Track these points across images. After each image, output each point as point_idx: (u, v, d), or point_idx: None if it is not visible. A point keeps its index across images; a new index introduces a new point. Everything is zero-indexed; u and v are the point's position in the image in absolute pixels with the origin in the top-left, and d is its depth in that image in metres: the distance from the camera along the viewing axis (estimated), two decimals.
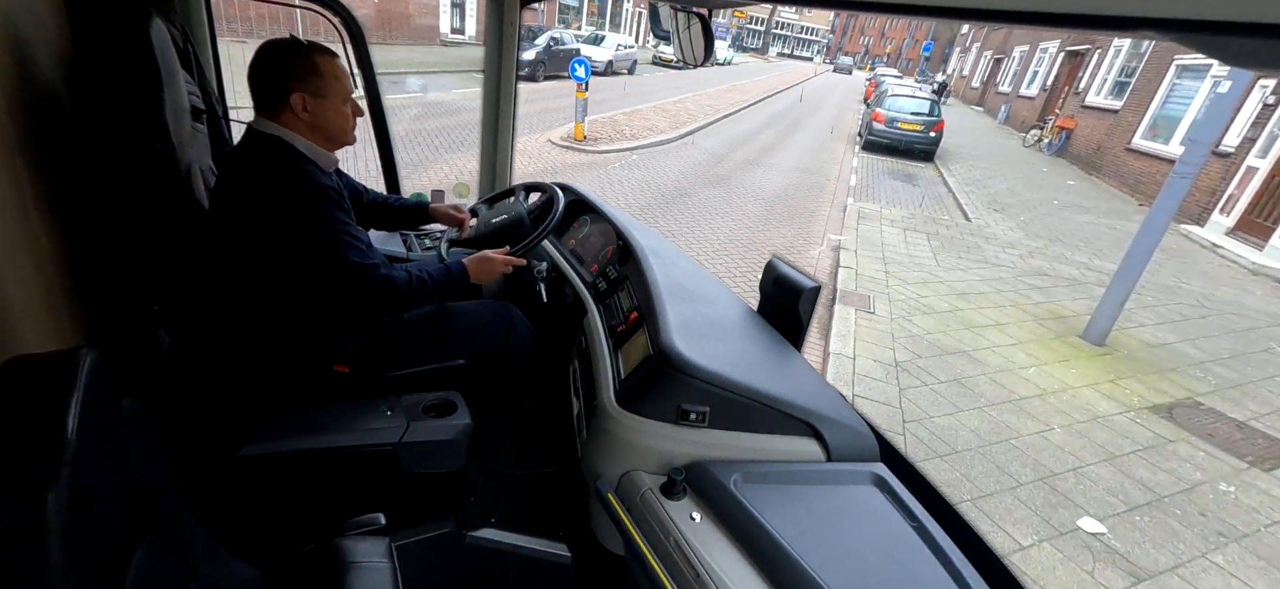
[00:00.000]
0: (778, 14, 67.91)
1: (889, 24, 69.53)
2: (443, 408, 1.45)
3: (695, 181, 7.96)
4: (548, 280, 1.76)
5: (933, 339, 4.31)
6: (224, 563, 0.96)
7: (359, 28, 1.82)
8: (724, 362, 1.13)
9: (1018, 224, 8.16)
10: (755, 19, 66.29)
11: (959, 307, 4.97)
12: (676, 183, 7.84)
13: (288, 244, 1.27)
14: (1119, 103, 12.89)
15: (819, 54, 71.13)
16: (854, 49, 76.90)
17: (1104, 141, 12.98)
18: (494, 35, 1.99)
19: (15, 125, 0.96)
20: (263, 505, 1.31)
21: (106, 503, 0.70)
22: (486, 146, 2.18)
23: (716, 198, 7.33)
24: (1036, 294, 5.54)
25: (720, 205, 7.06)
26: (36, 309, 1.00)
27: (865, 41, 75.91)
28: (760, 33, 65.71)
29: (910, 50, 62.96)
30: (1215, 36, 0.49)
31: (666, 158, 9.07)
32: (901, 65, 61.67)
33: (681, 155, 9.39)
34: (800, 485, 1.07)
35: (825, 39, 75.79)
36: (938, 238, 6.97)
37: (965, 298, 5.19)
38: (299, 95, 1.26)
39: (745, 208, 7.15)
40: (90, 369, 0.69)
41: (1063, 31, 13.81)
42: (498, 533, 1.34)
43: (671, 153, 9.50)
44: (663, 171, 8.26)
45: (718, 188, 7.80)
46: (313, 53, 1.28)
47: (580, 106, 8.46)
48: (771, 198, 7.69)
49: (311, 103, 1.28)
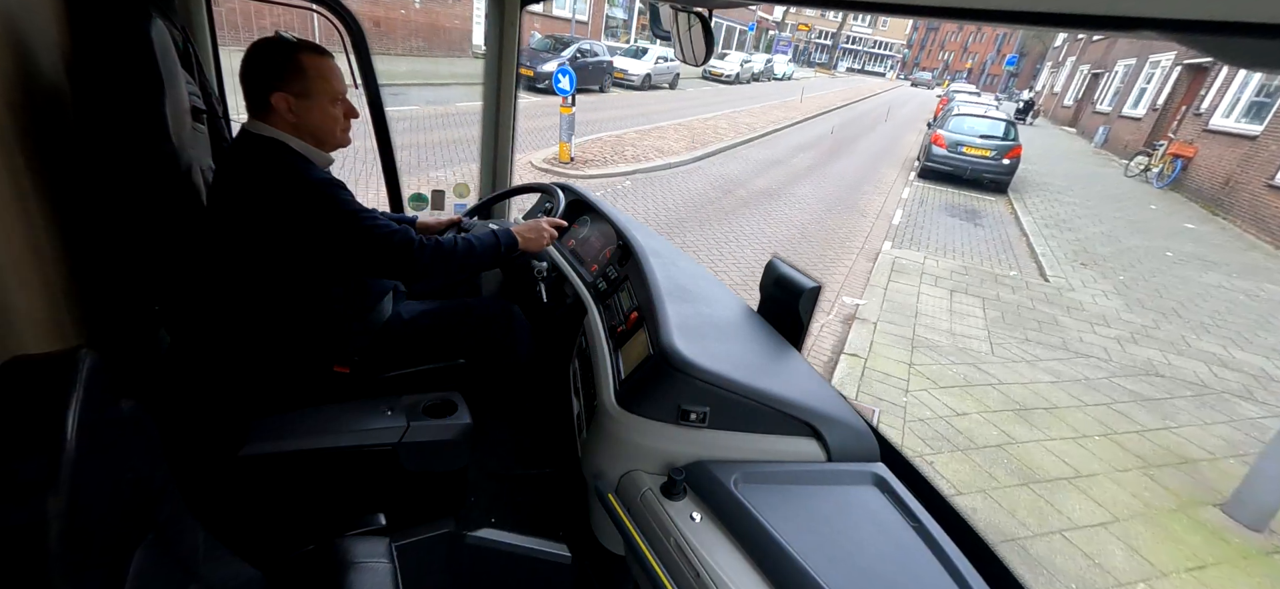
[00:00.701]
0: (849, 27, 64.82)
1: (974, 37, 64.76)
2: (443, 408, 1.42)
3: (685, 218, 6.52)
4: (548, 280, 1.75)
5: (966, 506, 2.66)
6: (224, 563, 0.95)
7: (360, 29, 1.79)
8: (724, 362, 1.12)
9: (1115, 287, 6.13)
10: (822, 33, 63.61)
11: (1017, 436, 3.31)
12: (661, 218, 6.39)
13: (294, 240, 1.26)
14: (1257, 127, 10.34)
15: (892, 69, 67.23)
16: (932, 64, 72.41)
17: (1235, 175, 10.41)
18: (494, 37, 2.01)
19: (15, 125, 0.95)
20: (263, 505, 1.29)
21: (106, 503, 0.70)
22: (486, 148, 2.19)
23: (701, 241, 5.82)
24: (1143, 412, 3.72)
25: (703, 250, 5.55)
26: (36, 309, 0.99)
27: (944, 56, 71.22)
28: (828, 47, 62.79)
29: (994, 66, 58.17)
30: (1215, 37, 0.49)
31: (666, 185, 7.69)
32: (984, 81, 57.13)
33: (686, 183, 8.03)
34: (800, 485, 1.07)
35: (901, 53, 71.68)
36: (998, 305, 5.19)
37: (1029, 418, 3.48)
38: (281, 95, 1.25)
39: (737, 254, 5.62)
40: (90, 369, 0.69)
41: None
42: (498, 533, 1.37)
43: (675, 179, 8.14)
44: (652, 203, 6.88)
45: (712, 227, 6.32)
46: (296, 52, 1.26)
47: (566, 124, 7.24)
48: (779, 241, 6.12)
49: (295, 103, 1.26)
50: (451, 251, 1.40)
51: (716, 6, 1.46)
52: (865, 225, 7.41)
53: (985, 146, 10.27)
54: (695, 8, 1.43)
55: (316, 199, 1.26)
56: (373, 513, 1.22)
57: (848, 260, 6.02)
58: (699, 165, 9.20)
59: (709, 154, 9.92)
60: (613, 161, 8.21)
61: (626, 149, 8.94)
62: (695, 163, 9.24)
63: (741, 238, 6.14)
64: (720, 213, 6.79)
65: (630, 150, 8.92)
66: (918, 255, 6.32)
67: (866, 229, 7.27)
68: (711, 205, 7.10)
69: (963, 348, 4.30)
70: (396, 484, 1.36)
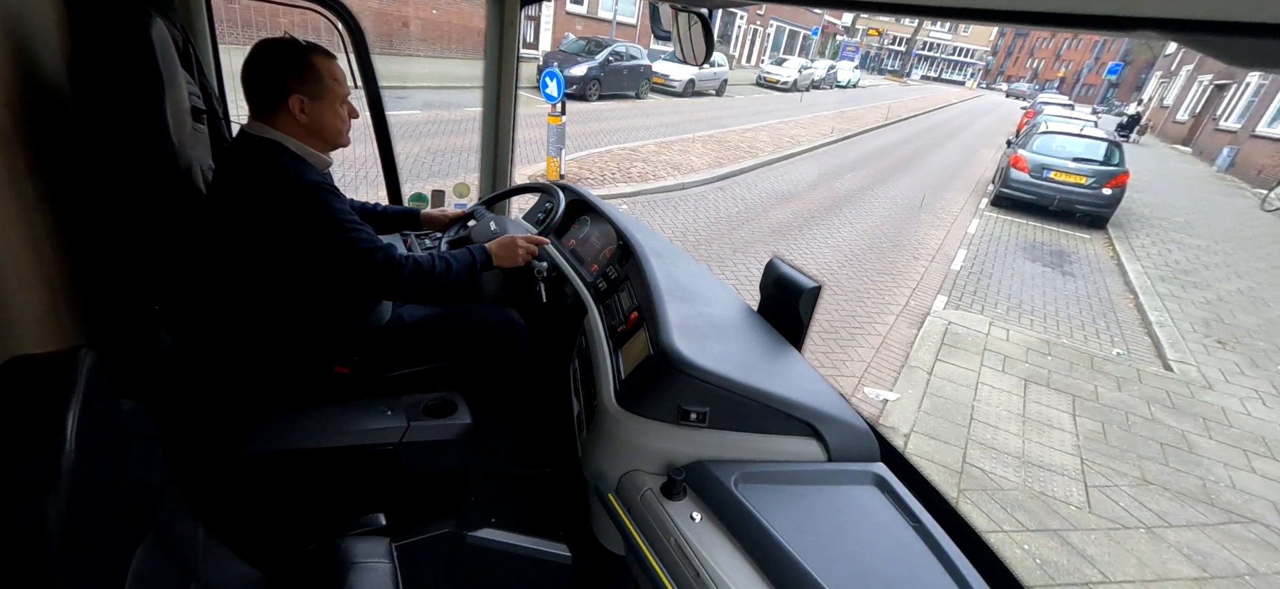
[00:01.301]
0: (926, 33, 60.84)
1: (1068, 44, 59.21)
2: (443, 408, 1.43)
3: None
4: (548, 280, 1.73)
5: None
6: (224, 563, 0.96)
7: (360, 29, 1.80)
8: (724, 362, 1.12)
9: (1276, 384, 4.34)
10: (896, 39, 59.99)
11: None
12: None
13: (285, 243, 1.26)
14: None
15: (973, 77, 62.56)
16: (1018, 72, 67.03)
17: None
18: (494, 36, 1.99)
19: (16, 126, 0.95)
20: (263, 505, 1.30)
21: (106, 503, 0.71)
22: (486, 148, 2.19)
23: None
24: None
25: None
26: (36, 309, 1.00)
27: (1033, 64, 65.69)
28: (901, 53, 59.07)
29: (1092, 74, 52.78)
30: (1215, 37, 0.49)
31: (667, 211, 6.52)
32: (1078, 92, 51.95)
33: (694, 209, 6.82)
34: (800, 485, 1.07)
35: (983, 60, 66.67)
36: (1096, 410, 3.73)
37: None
38: (298, 97, 1.25)
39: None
40: (90, 369, 0.69)
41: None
42: (498, 533, 1.41)
43: (682, 204, 6.94)
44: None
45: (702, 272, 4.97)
46: (310, 53, 1.27)
47: (555, 136, 6.14)
48: None
49: (309, 105, 1.27)
50: (429, 272, 1.36)
51: (717, 6, 1.43)
52: (914, 270, 5.86)
53: (1080, 172, 8.37)
54: (695, 7, 1.42)
55: (308, 202, 1.24)
56: (373, 513, 1.22)
57: (882, 324, 4.55)
58: (719, 187, 7.86)
59: (734, 173, 8.55)
60: (613, 180, 7.06)
61: (635, 165, 7.74)
62: (713, 183, 7.92)
63: (740, 285, 4.78)
64: (720, 253, 5.45)
65: (640, 167, 7.71)
66: (981, 321, 4.75)
67: (916, 275, 5.73)
68: (715, 242, 5.77)
69: (1040, 492, 2.82)
70: (397, 484, 1.36)
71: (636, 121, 11.67)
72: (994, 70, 69.03)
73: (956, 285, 5.63)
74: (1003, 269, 6.36)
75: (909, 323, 4.63)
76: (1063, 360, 4.24)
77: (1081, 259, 7.15)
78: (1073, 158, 8.61)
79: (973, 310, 5.04)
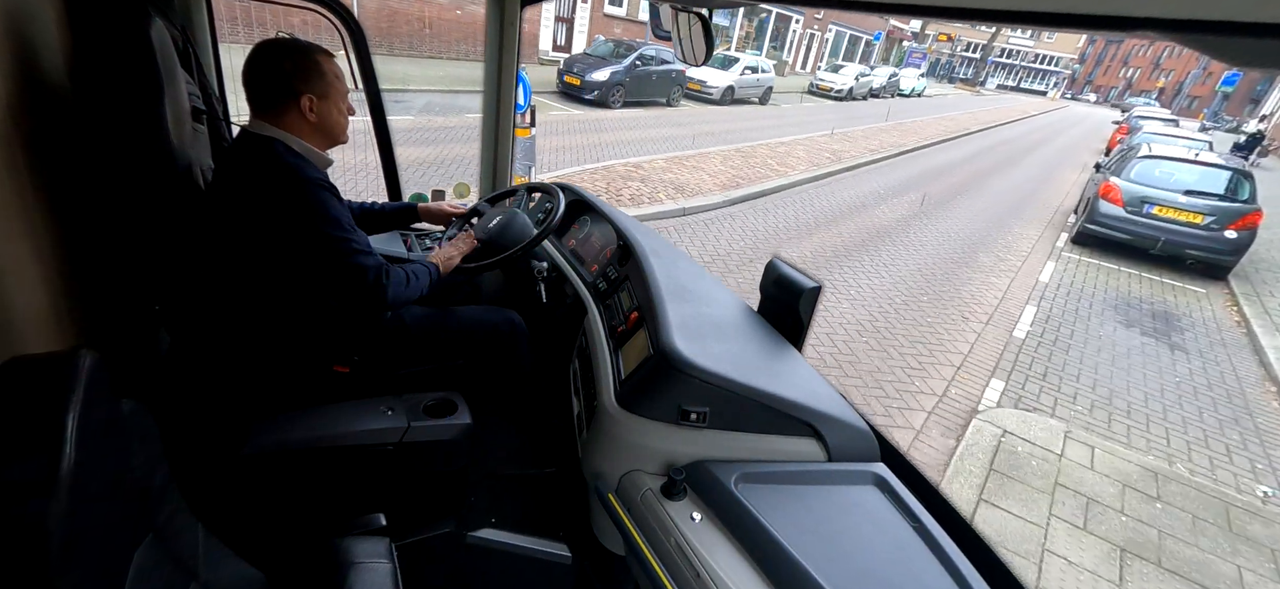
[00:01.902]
0: (1004, 39, 56.61)
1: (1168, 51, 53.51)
2: (443, 408, 1.44)
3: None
4: (548, 280, 1.80)
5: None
6: (224, 563, 0.97)
7: (360, 29, 1.82)
8: (724, 362, 1.14)
9: None
10: (969, 45, 56.16)
11: None
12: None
13: (285, 243, 1.31)
14: None
15: (1056, 86, 57.73)
16: (1109, 81, 61.66)
17: None
18: (494, 35, 2.00)
19: (16, 126, 0.97)
20: (263, 505, 1.33)
21: (106, 503, 0.72)
22: (487, 147, 2.20)
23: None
24: None
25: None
26: (36, 309, 1.02)
27: (1126, 73, 60.07)
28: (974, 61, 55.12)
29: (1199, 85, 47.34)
30: (1215, 37, 0.50)
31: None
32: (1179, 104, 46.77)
33: (687, 240, 5.64)
34: (801, 485, 1.09)
35: (1069, 68, 61.53)
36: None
37: None
38: (307, 97, 1.30)
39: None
40: (90, 369, 0.70)
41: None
42: (498, 533, 1.43)
43: (675, 233, 5.80)
44: None
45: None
46: (315, 53, 1.32)
47: (523, 150, 5.14)
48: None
49: (318, 104, 1.32)
50: (406, 287, 1.43)
51: (717, 6, 1.46)
52: (961, 338, 4.49)
53: (1194, 209, 6.70)
54: (695, 7, 1.44)
55: (303, 200, 1.27)
56: (373, 513, 1.25)
57: (904, 431, 3.26)
58: (729, 213, 6.67)
59: (752, 196, 7.38)
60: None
61: (630, 186, 6.74)
62: (721, 209, 6.70)
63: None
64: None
65: (635, 187, 6.70)
66: (1052, 429, 3.44)
67: (963, 347, 4.36)
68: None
69: None
70: (397, 484, 1.39)
71: (657, 131, 10.68)
72: (1080, 79, 63.74)
73: (1019, 364, 4.25)
74: (1086, 338, 4.90)
75: (945, 428, 3.34)
76: (1180, 507, 2.89)
77: (1196, 325, 5.53)
78: (1184, 190, 6.95)
79: (1041, 407, 3.71)
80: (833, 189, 8.58)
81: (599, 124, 10.56)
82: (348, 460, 1.31)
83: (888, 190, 9.09)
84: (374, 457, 1.33)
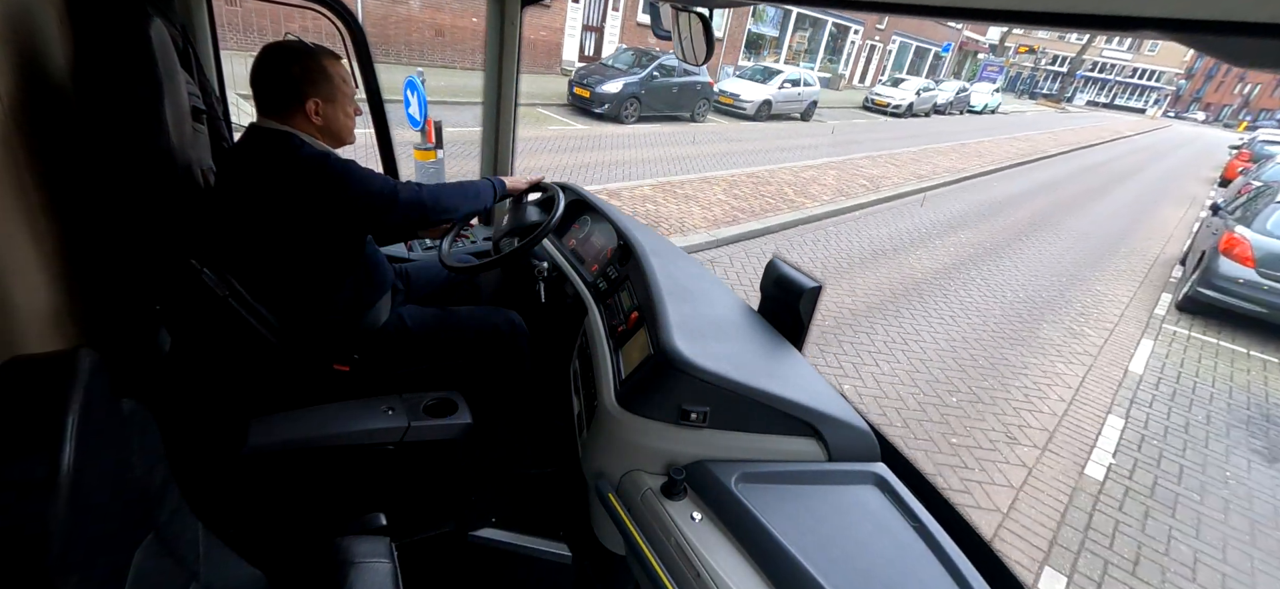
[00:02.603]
0: (1097, 50, 51.72)
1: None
2: (443, 407, 1.45)
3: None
4: (548, 280, 1.79)
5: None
6: (225, 563, 0.97)
7: (361, 30, 1.82)
8: (725, 361, 1.13)
9: None
10: (1056, 57, 51.54)
11: None
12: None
13: (315, 228, 1.36)
14: None
15: (1156, 103, 52.08)
16: (1222, 98, 55.34)
17: None
18: (494, 35, 2.01)
19: (17, 126, 0.97)
20: (264, 505, 1.34)
21: (106, 503, 0.72)
22: (487, 146, 2.20)
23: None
24: None
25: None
26: (36, 309, 1.02)
27: (1243, 89, 53.53)
28: (1061, 75, 50.41)
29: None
30: (1215, 37, 0.50)
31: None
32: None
33: None
34: (801, 485, 1.08)
35: (1173, 84, 55.49)
36: None
37: None
38: (313, 101, 1.34)
39: None
40: (90, 369, 0.70)
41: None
42: (498, 533, 1.43)
43: None
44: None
45: None
46: (322, 57, 1.35)
47: (423, 177, 4.02)
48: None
49: (324, 107, 1.36)
50: (459, 189, 1.51)
51: (717, 6, 1.43)
52: (1001, 481, 2.98)
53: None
54: (695, 7, 1.43)
55: (342, 181, 1.32)
56: (374, 512, 1.25)
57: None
58: (712, 256, 5.35)
59: (749, 234, 6.04)
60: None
61: None
62: (706, 250, 5.39)
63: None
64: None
65: None
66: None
67: (1001, 495, 2.86)
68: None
69: None
70: (397, 483, 1.39)
71: (665, 151, 9.56)
72: (1187, 96, 57.33)
73: (1093, 541, 2.70)
74: (1204, 481, 3.23)
75: None
76: None
77: None
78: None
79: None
80: (859, 227, 7.10)
81: (599, 141, 9.57)
82: (348, 460, 1.33)
83: (933, 227, 7.45)
84: (374, 456, 1.35)
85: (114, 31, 1.12)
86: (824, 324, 4.61)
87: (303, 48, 1.30)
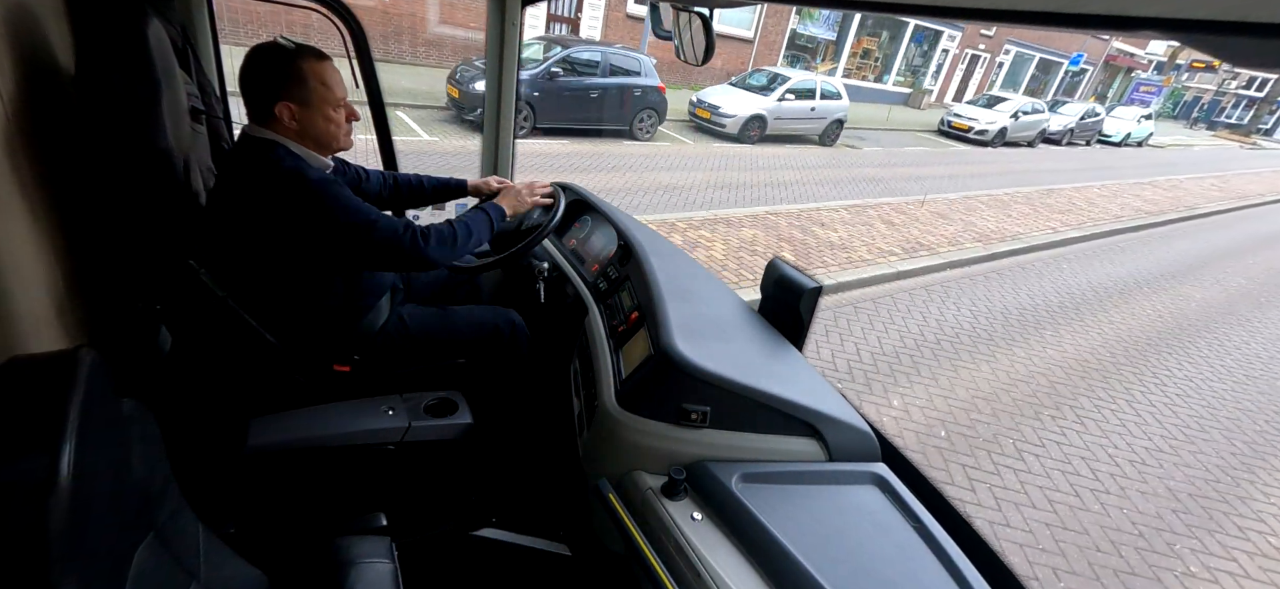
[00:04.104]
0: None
1: None
2: (444, 407, 1.46)
3: None
4: (548, 280, 1.81)
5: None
6: (225, 563, 0.97)
7: (361, 29, 1.82)
8: (725, 362, 1.15)
9: None
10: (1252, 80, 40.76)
11: None
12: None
13: (290, 242, 1.32)
14: None
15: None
16: None
17: None
18: (495, 35, 2.04)
19: (16, 126, 0.98)
20: (264, 505, 1.34)
21: (107, 503, 0.72)
22: (487, 146, 2.23)
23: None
24: None
25: None
26: (37, 309, 1.02)
27: None
28: (1255, 100, 39.54)
29: None
30: (1216, 36, 0.50)
31: None
32: None
33: None
34: (801, 485, 1.09)
35: None
36: None
37: None
38: (284, 105, 1.29)
39: None
40: (90, 369, 0.70)
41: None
42: (499, 532, 1.45)
43: None
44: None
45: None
46: (297, 59, 1.29)
47: None
48: None
49: (298, 112, 1.31)
50: (452, 236, 1.43)
51: (717, 6, 1.43)
52: None
53: None
54: (695, 7, 1.41)
55: (315, 202, 1.28)
56: (374, 512, 1.25)
57: None
58: None
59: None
60: None
61: None
62: None
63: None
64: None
65: None
66: None
67: None
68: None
69: None
70: (398, 483, 1.40)
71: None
72: None
73: None
74: None
75: None
76: None
77: None
78: None
79: None
80: (876, 326, 3.83)
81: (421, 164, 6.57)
82: (349, 460, 1.33)
83: (972, 329, 3.85)
84: (375, 456, 1.35)
85: (112, 31, 1.12)
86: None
87: (277, 50, 1.26)
